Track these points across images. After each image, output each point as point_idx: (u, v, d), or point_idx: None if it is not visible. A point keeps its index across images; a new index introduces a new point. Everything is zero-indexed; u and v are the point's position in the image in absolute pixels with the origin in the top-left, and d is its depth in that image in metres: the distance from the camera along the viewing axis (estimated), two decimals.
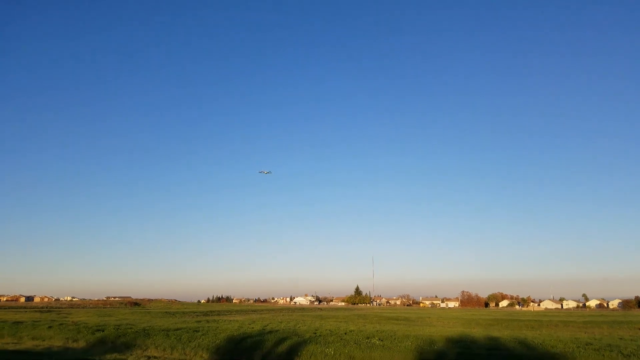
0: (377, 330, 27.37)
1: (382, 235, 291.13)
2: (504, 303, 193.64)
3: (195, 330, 26.53)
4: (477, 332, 29.15)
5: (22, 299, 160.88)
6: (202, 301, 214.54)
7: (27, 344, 25.62)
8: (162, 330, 26.65)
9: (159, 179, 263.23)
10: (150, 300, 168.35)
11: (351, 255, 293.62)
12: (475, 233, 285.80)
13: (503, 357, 18.03)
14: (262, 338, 22.35)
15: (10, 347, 23.47)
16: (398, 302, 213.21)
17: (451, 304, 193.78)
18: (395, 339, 21.75)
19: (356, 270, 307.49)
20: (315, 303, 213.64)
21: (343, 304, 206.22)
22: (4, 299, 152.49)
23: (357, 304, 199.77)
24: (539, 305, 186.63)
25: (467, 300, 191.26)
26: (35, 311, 67.47)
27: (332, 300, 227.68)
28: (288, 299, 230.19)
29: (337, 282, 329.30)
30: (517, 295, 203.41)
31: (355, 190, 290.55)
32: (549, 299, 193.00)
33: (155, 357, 20.83)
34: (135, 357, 20.72)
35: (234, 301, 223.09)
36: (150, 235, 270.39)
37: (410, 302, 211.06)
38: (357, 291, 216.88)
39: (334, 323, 36.41)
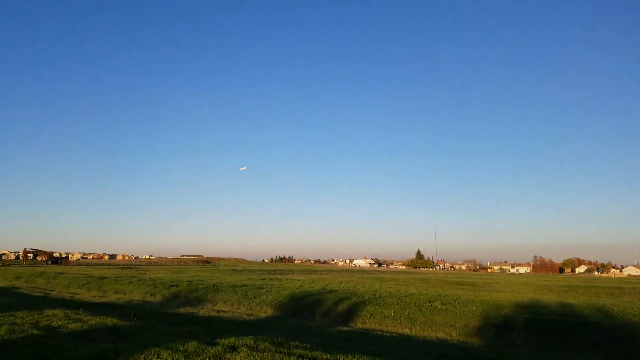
0: (440, 294, 26.88)
1: (445, 197, 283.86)
2: (580, 269, 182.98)
3: (260, 287, 27.54)
4: (549, 299, 27.81)
5: (106, 257, 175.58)
6: (266, 260, 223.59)
7: (111, 297, 27.93)
8: (230, 287, 27.93)
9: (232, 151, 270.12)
10: (219, 259, 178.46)
11: (412, 218, 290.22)
12: (549, 194, 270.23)
13: (577, 324, 16.97)
14: (322, 297, 22.75)
15: (97, 300, 25.68)
16: (463, 267, 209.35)
17: (522, 270, 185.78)
18: (458, 303, 21.14)
19: (417, 234, 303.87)
20: (375, 266, 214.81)
21: (404, 267, 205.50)
22: (91, 257, 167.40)
23: (419, 267, 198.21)
24: (621, 271, 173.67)
25: (540, 266, 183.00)
26: (118, 268, 73.60)
27: (392, 264, 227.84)
28: (347, 261, 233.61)
29: (398, 245, 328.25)
30: (596, 261, 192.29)
31: (416, 151, 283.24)
32: (633, 265, 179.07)
33: (224, 311, 21.95)
34: (206, 310, 21.93)
35: (295, 261, 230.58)
36: (222, 200, 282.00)
37: (477, 267, 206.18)
38: (419, 255, 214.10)
39: (394, 286, 36.37)
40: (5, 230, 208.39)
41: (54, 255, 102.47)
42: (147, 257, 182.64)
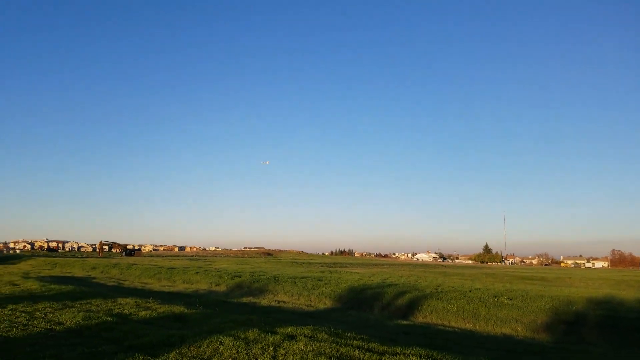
0: (507, 289, 25.79)
1: (514, 190, 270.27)
2: None
3: (319, 279, 27.85)
4: (628, 294, 25.80)
5: (176, 249, 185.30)
6: (326, 253, 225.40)
7: (179, 286, 29.48)
8: (290, 278, 28.50)
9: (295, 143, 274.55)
10: (280, 251, 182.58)
11: (479, 211, 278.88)
12: (629, 184, 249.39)
13: None
14: (381, 290, 22.58)
15: (166, 289, 27.21)
16: (534, 262, 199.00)
17: (598, 264, 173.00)
18: (526, 298, 20.19)
19: (485, 227, 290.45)
20: (439, 260, 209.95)
21: (470, 262, 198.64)
22: (162, 249, 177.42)
23: (486, 262, 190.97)
24: None
25: (619, 260, 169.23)
26: (186, 259, 77.57)
27: (457, 258, 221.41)
28: (409, 255, 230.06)
29: (464, 239, 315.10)
30: None
31: (484, 141, 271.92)
32: None
33: (284, 301, 22.45)
34: (267, 301, 22.55)
35: (355, 255, 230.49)
36: (284, 194, 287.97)
37: (549, 261, 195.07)
38: (486, 249, 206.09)
39: (458, 280, 35.36)
40: (84, 224, 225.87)
41: (128, 247, 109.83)
42: (213, 248, 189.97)
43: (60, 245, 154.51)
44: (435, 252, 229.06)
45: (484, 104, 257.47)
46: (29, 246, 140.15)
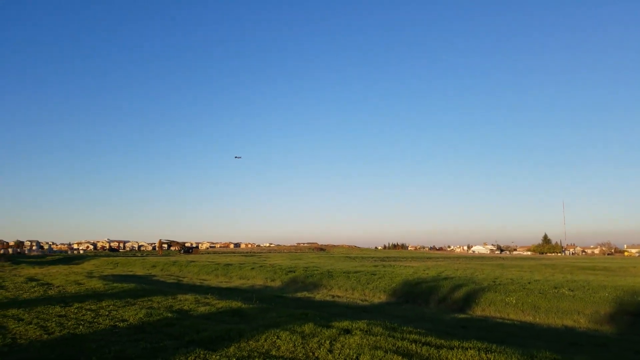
0: (567, 280, 24.54)
1: (573, 177, 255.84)
2: None
3: (373, 274, 27.66)
4: None
5: (231, 245, 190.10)
6: (379, 248, 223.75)
7: (236, 282, 30.28)
8: (344, 273, 28.49)
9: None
10: (333, 246, 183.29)
11: (537, 201, 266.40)
12: None
13: None
14: (437, 284, 22.10)
15: (224, 285, 28.02)
16: (596, 251, 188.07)
17: None
18: (588, 289, 19.14)
19: (543, 217, 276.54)
20: (496, 252, 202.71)
21: (528, 253, 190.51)
22: (218, 246, 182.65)
23: (545, 253, 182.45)
24: None
25: None
26: (241, 255, 79.65)
27: (515, 250, 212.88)
28: (465, 248, 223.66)
29: (522, 230, 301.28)
30: None
31: (540, 127, 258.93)
32: None
33: (338, 296, 22.49)
34: (321, 295, 22.67)
35: (408, 248, 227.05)
36: (335, 189, 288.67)
37: (612, 250, 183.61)
38: (545, 239, 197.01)
39: (517, 272, 33.99)
40: (143, 223, 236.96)
41: (186, 245, 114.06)
42: (267, 244, 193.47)
43: (121, 245, 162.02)
44: (492, 244, 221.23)
45: (540, 89, 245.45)
46: (91, 247, 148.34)
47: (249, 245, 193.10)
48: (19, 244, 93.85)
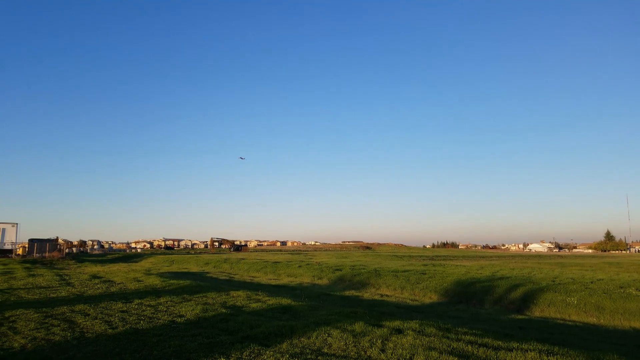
0: (634, 279, 23.00)
1: (636, 168, 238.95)
2: None
3: (422, 273, 27.14)
4: None
5: (278, 243, 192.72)
6: (427, 246, 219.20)
7: (284, 280, 30.63)
8: (391, 272, 28.13)
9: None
10: (379, 244, 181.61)
11: (598, 195, 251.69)
12: None
13: None
14: (491, 284, 21.34)
15: (272, 282, 28.42)
16: None
17: None
18: None
19: (605, 212, 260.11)
20: (555, 250, 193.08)
21: (590, 250, 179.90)
22: (266, 244, 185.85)
23: (609, 250, 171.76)
24: None
25: None
26: (288, 253, 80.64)
27: (575, 247, 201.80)
28: (521, 246, 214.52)
29: (582, 226, 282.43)
30: None
31: (599, 120, 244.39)
32: None
33: (387, 295, 22.21)
34: (369, 294, 22.47)
35: (459, 247, 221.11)
36: (383, 187, 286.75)
37: None
38: (608, 236, 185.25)
39: (578, 271, 32.27)
40: (196, 223, 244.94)
41: (236, 243, 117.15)
42: (312, 243, 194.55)
43: (176, 243, 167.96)
44: (550, 242, 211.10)
45: (597, 78, 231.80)
46: (148, 245, 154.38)
47: (295, 244, 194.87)
48: (82, 243, 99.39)
